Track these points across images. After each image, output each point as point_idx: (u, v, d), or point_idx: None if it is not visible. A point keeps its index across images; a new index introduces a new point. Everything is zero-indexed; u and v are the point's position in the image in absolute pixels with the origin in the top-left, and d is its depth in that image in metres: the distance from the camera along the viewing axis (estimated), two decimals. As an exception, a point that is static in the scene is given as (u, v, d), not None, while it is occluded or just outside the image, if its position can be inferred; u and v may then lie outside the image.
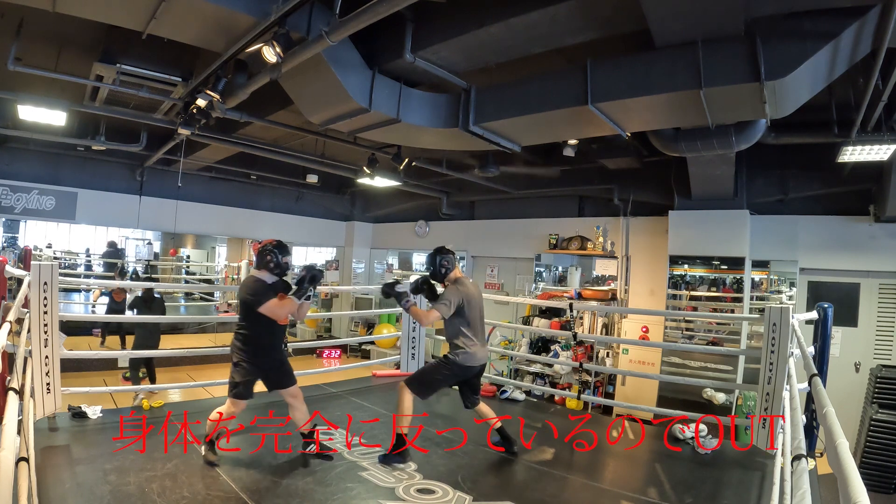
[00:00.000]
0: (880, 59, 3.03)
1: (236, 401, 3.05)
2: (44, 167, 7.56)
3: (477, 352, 3.33)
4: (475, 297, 3.37)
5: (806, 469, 1.63)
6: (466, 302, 3.27)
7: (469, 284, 3.38)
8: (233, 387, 3.04)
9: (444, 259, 3.33)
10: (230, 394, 3.05)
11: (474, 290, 3.39)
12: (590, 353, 6.61)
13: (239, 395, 3.03)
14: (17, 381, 2.33)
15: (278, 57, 3.21)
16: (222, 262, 13.92)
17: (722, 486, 3.14)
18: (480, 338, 3.37)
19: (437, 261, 3.32)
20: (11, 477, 1.34)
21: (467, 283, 3.38)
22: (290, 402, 3.22)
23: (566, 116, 4.13)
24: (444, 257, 3.34)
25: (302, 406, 3.24)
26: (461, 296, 3.26)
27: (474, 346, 3.31)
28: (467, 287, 3.34)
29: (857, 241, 5.55)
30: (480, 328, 3.39)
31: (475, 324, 3.34)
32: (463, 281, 3.37)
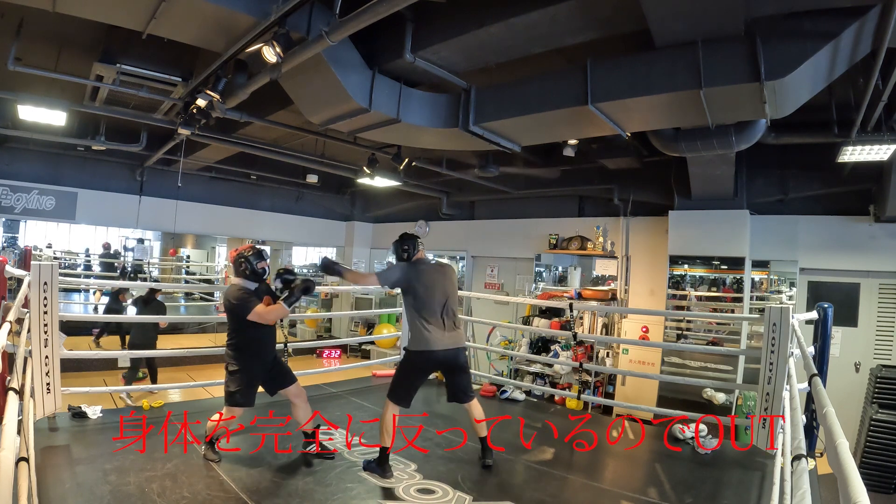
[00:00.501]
0: (880, 59, 3.03)
1: (232, 408, 3.07)
2: (44, 167, 7.57)
3: (433, 336, 3.10)
4: (434, 278, 3.20)
5: (806, 469, 1.63)
6: (416, 281, 3.15)
7: (428, 266, 3.26)
8: (229, 395, 3.05)
9: (405, 244, 3.28)
10: (227, 402, 3.07)
11: (434, 272, 3.24)
12: (590, 353, 6.61)
13: (236, 402, 3.05)
14: (17, 381, 2.33)
15: (278, 57, 3.21)
16: (222, 262, 13.93)
17: (722, 486, 3.14)
18: (440, 322, 3.14)
19: (398, 246, 3.32)
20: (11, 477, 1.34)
21: (425, 264, 3.27)
22: (292, 400, 3.24)
23: (566, 116, 4.13)
24: (405, 242, 3.29)
25: (304, 405, 3.25)
26: (406, 273, 3.17)
27: (430, 332, 3.10)
28: (421, 267, 3.22)
29: (857, 241, 5.55)
30: (442, 312, 3.16)
31: (431, 306, 3.14)
32: (420, 262, 3.26)
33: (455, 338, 3.21)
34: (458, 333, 3.24)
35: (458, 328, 3.25)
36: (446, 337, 3.15)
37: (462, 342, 3.26)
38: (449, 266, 3.41)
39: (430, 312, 3.14)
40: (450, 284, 3.28)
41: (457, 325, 3.24)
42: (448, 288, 3.25)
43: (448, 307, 3.21)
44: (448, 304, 3.21)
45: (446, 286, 3.24)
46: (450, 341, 3.16)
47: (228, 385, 3.06)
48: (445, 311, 3.19)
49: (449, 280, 3.29)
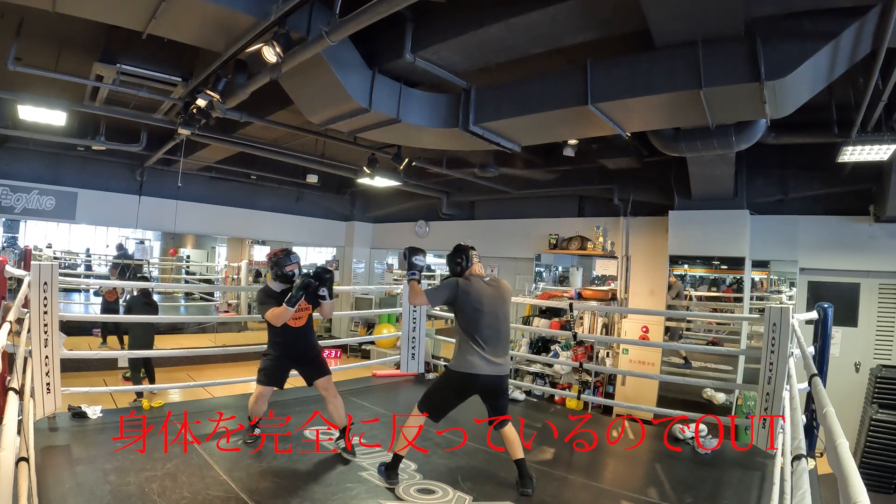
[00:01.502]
0: (880, 59, 3.03)
1: (259, 386, 3.36)
2: (44, 167, 7.57)
3: (476, 360, 2.87)
4: (486, 297, 2.95)
5: (806, 469, 1.63)
6: (465, 300, 2.91)
7: (482, 283, 3.00)
8: (258, 373, 3.39)
9: (458, 257, 3.06)
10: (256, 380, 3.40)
11: (488, 291, 2.98)
12: (590, 353, 6.61)
13: (259, 381, 3.36)
14: (17, 381, 2.33)
15: (278, 57, 3.21)
16: (222, 262, 13.93)
17: (722, 486, 3.14)
18: (487, 346, 2.90)
19: (451, 260, 3.10)
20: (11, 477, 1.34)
21: (478, 280, 3.00)
22: (321, 392, 3.45)
23: (566, 116, 4.13)
24: (458, 255, 3.07)
25: (334, 399, 3.41)
26: (456, 290, 2.93)
27: (473, 354, 2.89)
28: (473, 284, 2.96)
29: (857, 241, 5.55)
30: (491, 335, 2.92)
31: (479, 328, 2.90)
32: (473, 277, 3.01)
33: (501, 366, 2.97)
34: (504, 361, 3.00)
35: (506, 355, 3.02)
36: (492, 364, 2.91)
37: (507, 370, 3.05)
38: (504, 284, 3.15)
39: (479, 335, 2.91)
40: (502, 305, 3.03)
41: (506, 351, 3.02)
42: (499, 309, 3.01)
43: (499, 331, 2.97)
44: (499, 327, 2.98)
45: (497, 307, 2.99)
46: (490, 368, 2.90)
47: (260, 366, 3.40)
48: (496, 335, 2.95)
49: (502, 300, 3.04)
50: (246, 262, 11.95)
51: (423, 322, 5.69)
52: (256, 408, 3.38)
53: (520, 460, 2.94)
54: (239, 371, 6.87)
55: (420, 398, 3.06)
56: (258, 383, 3.36)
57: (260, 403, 3.37)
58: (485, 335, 2.91)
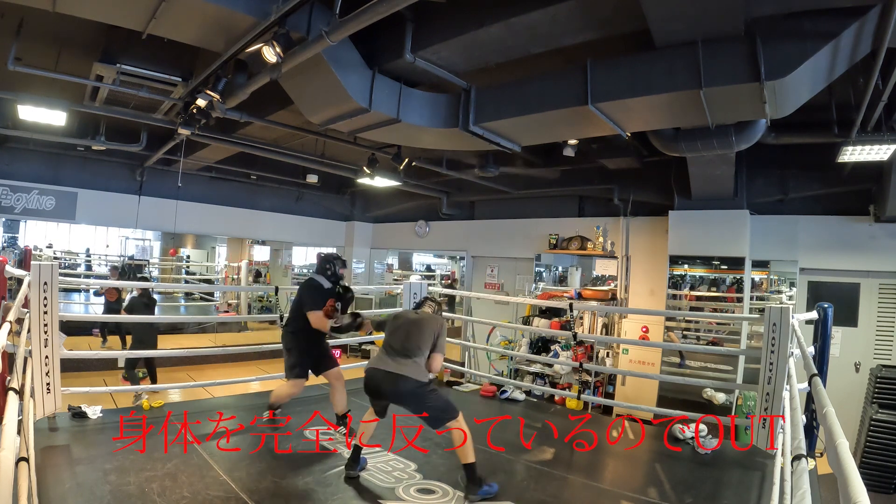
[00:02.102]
0: (880, 59, 3.03)
1: (296, 381, 3.59)
2: (44, 167, 7.57)
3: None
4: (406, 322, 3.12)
5: (806, 469, 1.63)
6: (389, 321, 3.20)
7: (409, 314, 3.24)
8: (289, 370, 3.60)
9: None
10: (288, 376, 3.62)
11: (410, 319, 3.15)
12: (590, 353, 6.61)
13: (296, 375, 3.59)
14: (17, 381, 2.33)
15: (278, 57, 3.21)
16: (222, 262, 13.92)
17: (722, 486, 3.14)
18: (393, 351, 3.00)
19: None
20: (11, 477, 1.34)
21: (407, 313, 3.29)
22: (331, 382, 3.70)
23: (566, 116, 4.13)
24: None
25: (342, 389, 3.68)
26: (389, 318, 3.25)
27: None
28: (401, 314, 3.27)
29: (857, 241, 5.55)
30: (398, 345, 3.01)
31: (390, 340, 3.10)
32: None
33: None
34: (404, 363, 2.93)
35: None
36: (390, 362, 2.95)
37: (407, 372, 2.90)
38: (430, 318, 3.12)
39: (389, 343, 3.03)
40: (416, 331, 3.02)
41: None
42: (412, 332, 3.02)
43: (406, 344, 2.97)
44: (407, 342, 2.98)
45: (410, 330, 3.03)
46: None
47: (289, 362, 3.60)
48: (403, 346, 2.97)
49: (417, 328, 3.03)
50: (246, 262, 11.96)
51: (423, 322, 5.68)
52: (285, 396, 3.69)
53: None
54: (239, 371, 6.88)
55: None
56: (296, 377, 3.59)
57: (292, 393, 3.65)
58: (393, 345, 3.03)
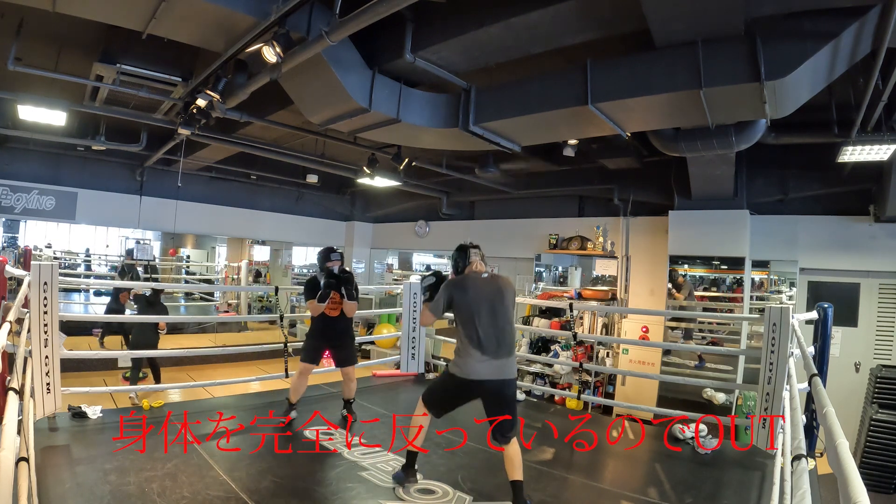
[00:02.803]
0: (880, 59, 3.03)
1: (301, 363, 3.84)
2: (44, 167, 7.57)
3: (474, 365, 2.67)
4: (482, 293, 2.77)
5: (806, 469, 1.63)
6: (460, 299, 2.75)
7: (476, 280, 2.82)
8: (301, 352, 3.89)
9: (458, 256, 2.91)
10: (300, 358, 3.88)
11: (484, 286, 2.79)
12: (590, 353, 6.61)
13: (301, 359, 3.85)
14: (17, 381, 2.33)
15: (278, 57, 3.21)
16: (222, 262, 13.93)
17: (722, 486, 3.14)
18: (486, 346, 2.68)
19: (453, 259, 2.96)
20: (11, 477, 1.34)
21: (472, 278, 2.83)
22: (343, 377, 3.97)
23: (566, 116, 4.13)
24: (458, 254, 2.91)
25: (352, 384, 3.97)
26: (451, 292, 2.80)
27: (471, 357, 2.69)
28: (468, 282, 2.81)
29: (857, 241, 5.55)
30: (489, 334, 2.70)
31: (475, 327, 2.71)
32: (467, 276, 2.85)
33: (503, 368, 2.72)
34: (507, 362, 2.74)
35: (508, 356, 2.74)
36: (492, 366, 2.69)
37: (511, 372, 2.76)
38: (503, 279, 2.92)
39: (472, 336, 2.71)
40: (500, 301, 2.79)
41: (508, 351, 2.75)
42: (497, 305, 2.77)
43: (499, 328, 2.73)
44: (498, 324, 2.74)
45: (495, 303, 2.77)
46: (488, 371, 2.68)
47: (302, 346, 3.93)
48: (494, 334, 2.71)
49: (500, 295, 2.81)
50: (246, 262, 11.96)
51: (423, 322, 5.69)
52: (298, 384, 3.87)
53: (516, 482, 2.64)
54: (239, 371, 6.88)
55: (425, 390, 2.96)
56: (300, 361, 3.86)
57: (301, 381, 3.87)
58: (482, 334, 2.70)
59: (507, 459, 2.68)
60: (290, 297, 11.26)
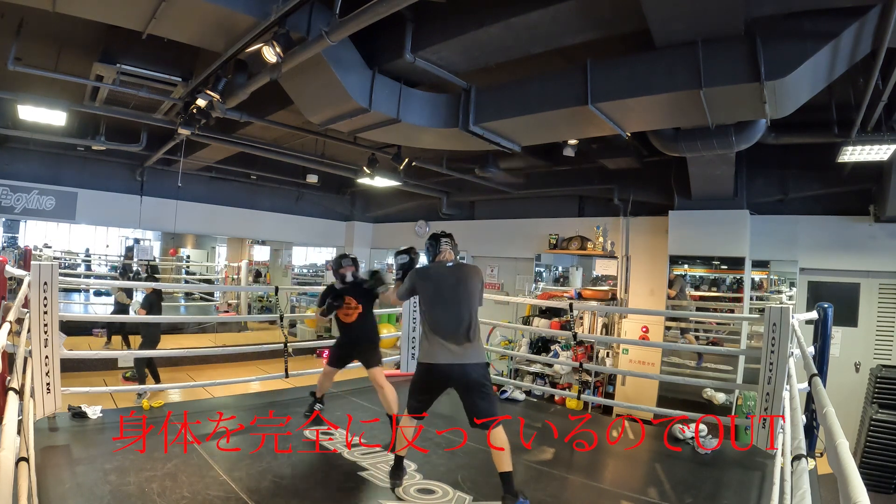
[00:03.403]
0: (880, 59, 3.03)
1: (326, 367, 3.94)
2: (44, 167, 7.56)
3: (433, 349, 2.75)
4: (444, 281, 2.84)
5: (806, 469, 1.63)
6: (422, 287, 2.86)
7: (440, 269, 2.89)
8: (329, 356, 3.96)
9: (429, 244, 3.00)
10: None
11: (445, 275, 2.86)
12: (590, 353, 6.61)
13: (328, 363, 3.92)
14: (17, 381, 2.33)
15: (278, 57, 3.21)
16: (222, 262, 13.93)
17: (722, 486, 3.14)
18: (445, 332, 2.74)
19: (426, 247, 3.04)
20: (11, 477, 1.34)
21: (436, 267, 2.92)
22: (373, 384, 3.76)
23: (566, 116, 4.12)
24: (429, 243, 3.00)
25: (381, 390, 3.69)
26: (414, 279, 2.91)
27: (431, 342, 2.77)
28: (431, 270, 2.91)
29: (857, 241, 5.55)
30: (448, 320, 2.76)
31: (435, 314, 2.80)
32: (430, 265, 2.95)
33: (463, 354, 2.75)
34: (468, 348, 2.76)
35: (468, 342, 2.77)
36: (443, 350, 2.74)
37: (474, 357, 2.78)
38: (470, 267, 2.98)
39: (436, 320, 2.79)
40: (463, 288, 2.83)
41: (469, 338, 2.77)
42: (460, 293, 2.81)
43: (457, 316, 2.78)
44: (457, 311, 2.79)
45: (458, 291, 2.82)
46: (445, 355, 2.74)
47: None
48: (453, 320, 2.77)
49: (463, 283, 2.85)
50: (246, 262, 11.97)
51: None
52: (321, 381, 3.96)
53: (505, 473, 2.66)
54: (239, 371, 6.88)
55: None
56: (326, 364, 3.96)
57: (324, 380, 3.95)
58: (441, 320, 2.77)
59: (493, 450, 2.70)
60: (290, 297, 11.27)
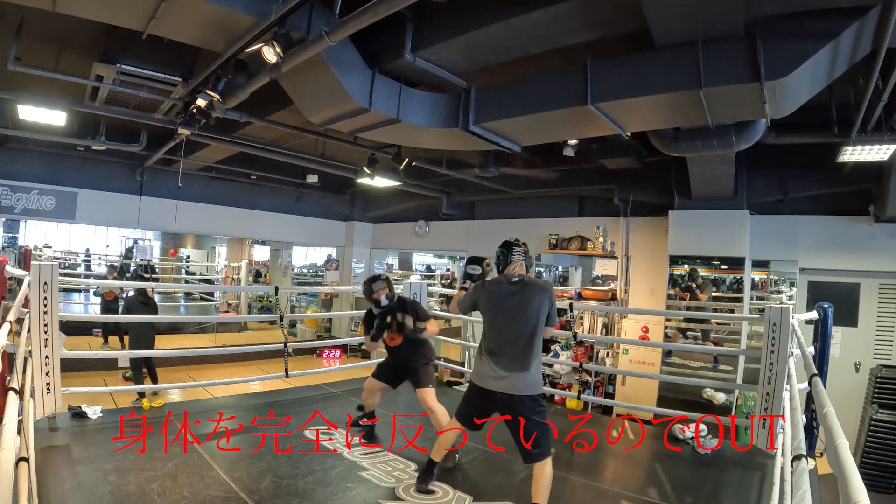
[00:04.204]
0: (880, 59, 3.03)
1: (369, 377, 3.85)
2: (44, 167, 7.56)
3: (481, 370, 2.64)
4: (503, 301, 2.69)
5: (806, 469, 1.63)
6: (481, 305, 2.74)
7: (502, 286, 2.74)
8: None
9: (500, 254, 2.84)
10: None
11: (506, 294, 2.70)
12: (590, 353, 6.61)
13: (373, 373, 3.85)
14: (17, 381, 2.33)
15: (278, 57, 3.21)
16: (222, 262, 13.93)
17: (722, 486, 3.14)
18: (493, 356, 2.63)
19: (496, 256, 2.88)
20: (11, 477, 1.34)
21: (498, 283, 2.77)
22: (423, 407, 3.45)
23: (566, 116, 4.13)
24: (500, 252, 2.83)
25: (434, 414, 3.35)
26: (475, 296, 2.79)
27: (480, 363, 2.68)
28: (492, 287, 2.77)
29: (857, 241, 5.55)
30: (498, 345, 2.64)
31: (488, 335, 2.70)
32: (494, 281, 2.81)
33: (509, 381, 2.58)
34: (513, 375, 2.58)
35: (518, 370, 2.59)
36: (497, 378, 2.59)
37: (526, 388, 2.59)
38: (536, 285, 2.73)
39: (487, 343, 2.68)
40: (522, 310, 2.64)
41: (519, 366, 2.59)
42: (517, 315, 2.64)
43: (509, 339, 2.62)
44: (511, 335, 2.63)
45: (515, 312, 2.64)
46: (500, 384, 2.58)
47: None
48: (504, 345, 2.63)
49: (525, 304, 2.65)
50: (246, 262, 11.97)
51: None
52: (366, 398, 3.85)
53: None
54: (239, 371, 6.88)
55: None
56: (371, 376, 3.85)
57: (367, 395, 3.82)
58: (491, 344, 2.66)
59: (535, 480, 2.56)
60: (290, 297, 11.28)
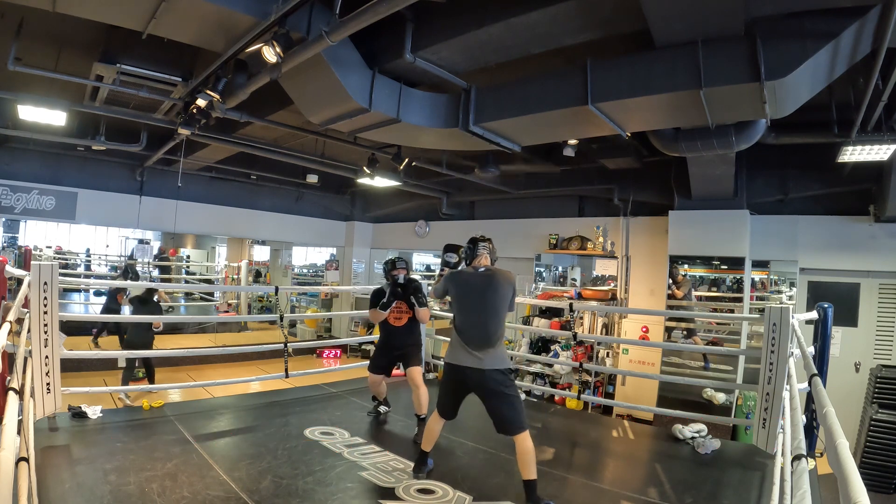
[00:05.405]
0: (880, 59, 3.03)
1: (369, 373, 3.94)
2: (44, 167, 7.57)
3: (457, 351, 2.87)
4: (473, 287, 2.93)
5: (806, 469, 1.63)
6: (453, 291, 2.98)
7: (472, 274, 2.97)
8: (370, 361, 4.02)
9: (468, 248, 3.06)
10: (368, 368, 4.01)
11: (476, 281, 2.93)
12: (590, 353, 6.61)
13: (370, 368, 3.95)
14: (17, 381, 2.33)
15: (278, 57, 3.21)
16: (222, 262, 13.94)
17: (722, 486, 3.14)
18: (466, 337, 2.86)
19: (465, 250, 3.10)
20: (11, 477, 1.34)
21: (468, 272, 3.00)
22: (409, 381, 3.79)
23: (566, 116, 4.13)
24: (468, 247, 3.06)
25: (416, 390, 3.70)
26: (448, 284, 3.03)
27: (454, 344, 2.90)
28: (463, 275, 3.01)
29: (857, 241, 5.55)
30: (471, 326, 2.87)
31: (460, 319, 2.93)
32: (464, 271, 3.04)
33: (482, 359, 2.81)
34: (485, 355, 2.82)
35: (488, 348, 2.82)
36: (472, 356, 2.82)
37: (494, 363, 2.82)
38: (501, 274, 2.98)
39: (460, 325, 2.91)
40: (490, 295, 2.89)
41: (489, 344, 2.83)
42: (487, 300, 2.89)
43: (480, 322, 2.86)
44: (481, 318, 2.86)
45: (485, 298, 2.89)
46: (474, 360, 2.81)
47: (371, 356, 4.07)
48: (476, 326, 2.86)
49: (492, 289, 2.90)
50: (246, 261, 11.97)
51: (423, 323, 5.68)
52: (374, 390, 4.02)
53: (527, 482, 2.70)
54: (239, 371, 6.89)
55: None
56: (368, 371, 3.97)
57: (374, 387, 3.99)
58: (466, 325, 2.89)
59: (517, 456, 2.75)
60: (290, 297, 11.27)
